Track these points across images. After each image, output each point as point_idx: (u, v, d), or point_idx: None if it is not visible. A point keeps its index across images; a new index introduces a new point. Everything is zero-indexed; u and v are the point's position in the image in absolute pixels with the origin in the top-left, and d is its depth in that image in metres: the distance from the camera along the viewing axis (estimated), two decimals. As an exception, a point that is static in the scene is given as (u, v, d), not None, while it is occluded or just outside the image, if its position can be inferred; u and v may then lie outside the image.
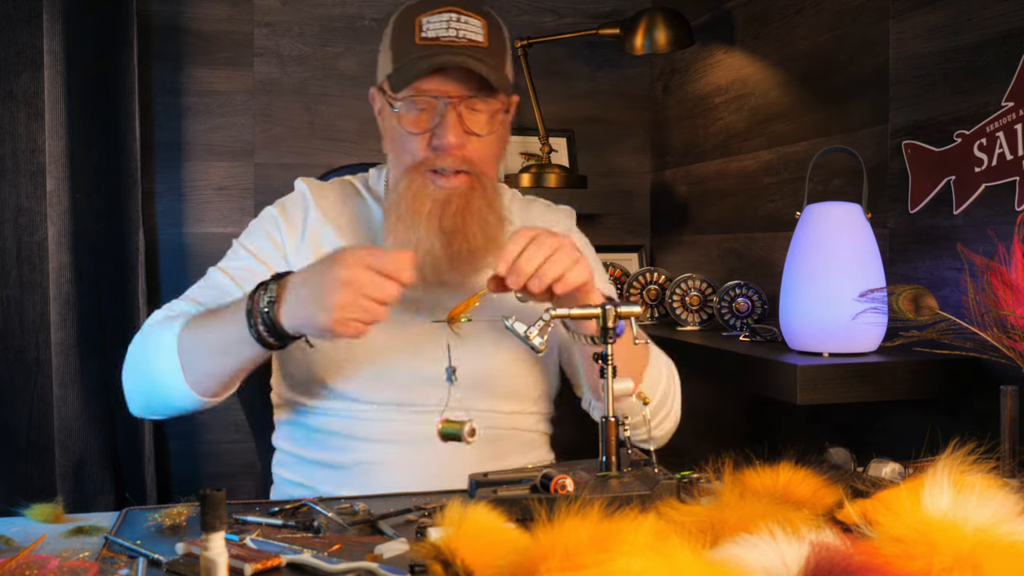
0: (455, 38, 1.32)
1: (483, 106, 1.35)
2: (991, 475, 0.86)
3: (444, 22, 1.32)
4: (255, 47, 2.45)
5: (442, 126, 1.31)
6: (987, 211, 1.52)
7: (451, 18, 1.33)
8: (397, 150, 1.37)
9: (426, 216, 1.32)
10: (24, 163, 2.12)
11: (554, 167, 2.42)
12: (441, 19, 1.33)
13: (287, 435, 1.47)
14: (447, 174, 1.32)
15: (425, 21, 1.33)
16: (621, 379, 1.13)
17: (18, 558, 0.82)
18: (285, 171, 2.45)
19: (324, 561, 0.88)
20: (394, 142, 1.38)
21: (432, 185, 1.33)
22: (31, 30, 2.10)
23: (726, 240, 2.34)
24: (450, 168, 1.32)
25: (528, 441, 1.46)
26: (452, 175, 1.33)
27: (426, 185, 1.33)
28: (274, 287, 1.18)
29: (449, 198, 1.32)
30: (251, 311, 1.18)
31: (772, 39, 2.14)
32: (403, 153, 1.36)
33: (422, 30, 1.32)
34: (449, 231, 1.32)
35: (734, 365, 1.69)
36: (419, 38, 1.32)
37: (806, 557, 0.73)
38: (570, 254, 1.16)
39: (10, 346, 2.10)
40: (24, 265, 2.12)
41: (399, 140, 1.36)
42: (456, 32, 1.33)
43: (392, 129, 1.37)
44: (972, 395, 1.53)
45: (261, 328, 1.18)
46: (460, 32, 1.33)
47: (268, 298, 1.18)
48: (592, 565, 0.66)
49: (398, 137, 1.36)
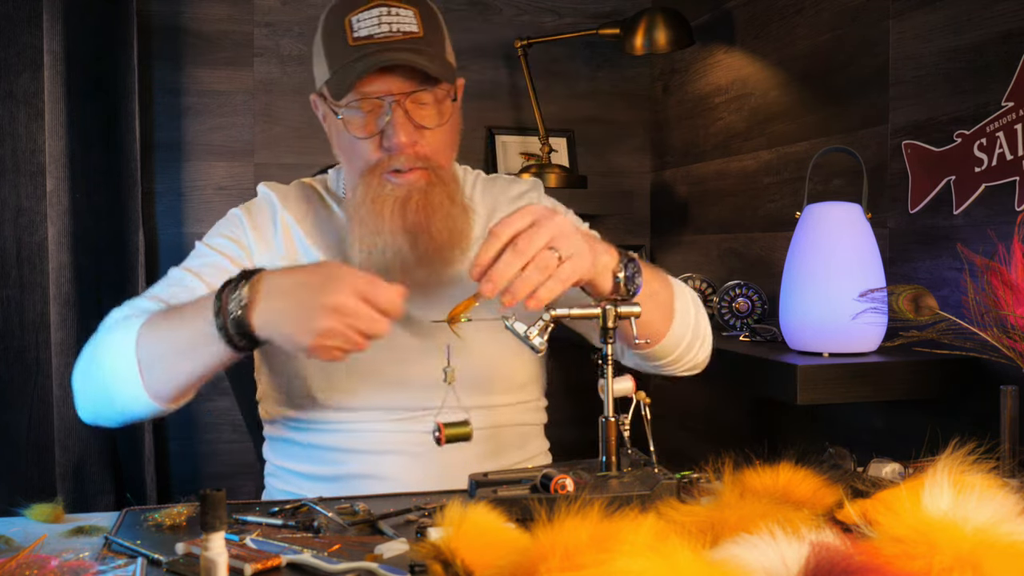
0: (388, 33, 1.28)
1: (429, 98, 1.30)
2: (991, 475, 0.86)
3: (374, 18, 1.29)
4: (255, 47, 2.45)
5: (391, 126, 1.28)
6: (987, 211, 1.52)
7: (380, 13, 1.29)
8: (349, 155, 1.34)
9: (388, 217, 1.29)
10: (24, 163, 2.12)
11: (554, 167, 2.42)
12: (371, 15, 1.29)
13: (277, 450, 1.44)
14: (403, 171, 1.30)
15: (355, 20, 1.29)
16: (620, 379, 1.13)
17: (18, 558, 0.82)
18: (285, 171, 2.45)
19: (324, 561, 0.88)
20: (344, 148, 1.35)
21: (389, 184, 1.30)
22: (31, 30, 2.10)
23: (726, 240, 2.34)
24: (405, 167, 1.29)
25: (525, 433, 1.45)
26: (408, 172, 1.30)
27: (383, 186, 1.30)
28: (245, 288, 1.12)
29: (409, 194, 1.30)
30: (220, 311, 1.12)
31: (772, 39, 2.14)
32: (355, 158, 1.33)
33: (353, 30, 1.29)
34: (413, 229, 1.29)
35: (734, 365, 1.69)
36: (351, 39, 1.28)
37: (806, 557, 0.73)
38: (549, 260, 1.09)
39: (10, 346, 2.10)
40: (24, 265, 2.12)
41: (349, 146, 1.33)
42: (389, 27, 1.28)
43: (340, 135, 1.34)
44: (972, 395, 1.53)
45: (231, 329, 1.11)
46: (393, 26, 1.29)
47: (239, 300, 1.11)
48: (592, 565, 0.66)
49: (347, 143, 1.33)
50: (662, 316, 1.28)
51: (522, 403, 1.45)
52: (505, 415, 1.41)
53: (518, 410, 1.44)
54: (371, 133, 1.30)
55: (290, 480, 1.41)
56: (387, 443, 1.35)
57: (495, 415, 1.39)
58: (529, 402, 1.46)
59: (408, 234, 1.30)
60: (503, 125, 2.60)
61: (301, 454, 1.39)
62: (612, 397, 1.11)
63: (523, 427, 1.45)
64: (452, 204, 1.33)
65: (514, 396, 1.43)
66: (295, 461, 1.40)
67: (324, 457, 1.37)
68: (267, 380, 1.44)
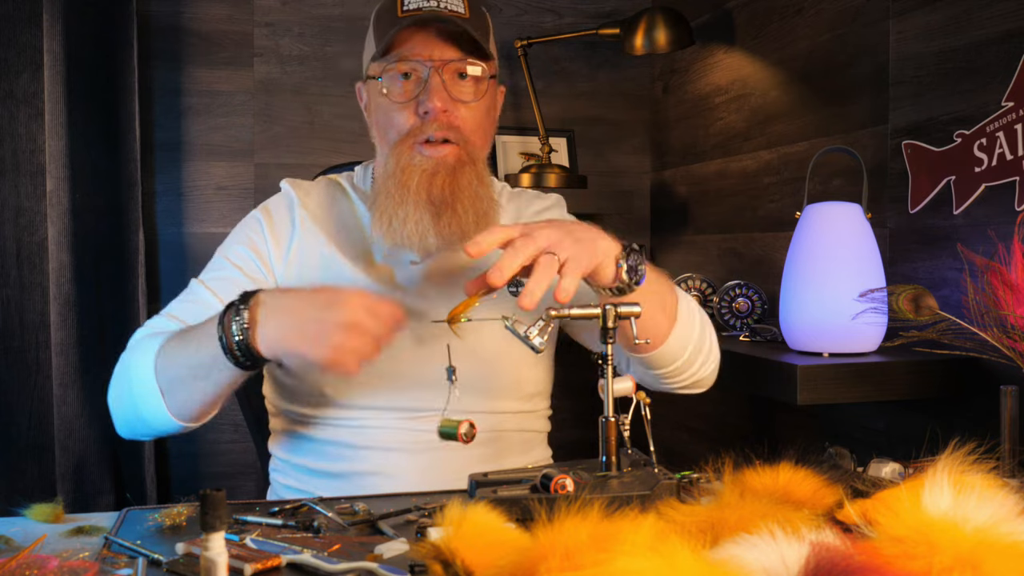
0: (436, 8, 1.30)
1: (468, 72, 1.32)
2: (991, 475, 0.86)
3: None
4: (255, 47, 2.45)
5: (427, 91, 1.29)
6: (987, 211, 1.52)
7: None
8: (384, 127, 1.35)
9: (414, 189, 1.29)
10: (24, 163, 2.12)
11: (554, 167, 2.42)
12: None
13: (284, 444, 1.43)
14: (434, 142, 1.30)
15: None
16: (620, 379, 1.13)
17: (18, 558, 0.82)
18: (285, 171, 2.44)
19: (324, 561, 0.88)
20: (381, 121, 1.35)
21: (419, 156, 1.30)
22: (31, 30, 2.10)
23: (726, 240, 2.34)
24: (437, 135, 1.29)
25: (528, 440, 1.45)
26: (439, 143, 1.30)
27: (413, 157, 1.30)
28: (245, 312, 1.12)
29: (436, 168, 1.29)
30: (223, 335, 1.12)
31: (772, 39, 2.14)
32: (390, 129, 1.33)
33: (404, 4, 1.30)
34: (438, 202, 1.29)
35: (734, 365, 1.69)
36: (401, 11, 1.30)
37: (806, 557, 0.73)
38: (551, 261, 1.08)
39: (10, 346, 2.10)
40: (24, 265, 2.12)
41: (386, 116, 1.33)
42: (438, 2, 1.30)
43: (378, 108, 1.35)
44: (972, 395, 1.53)
45: (236, 351, 1.12)
46: (442, 3, 1.30)
47: (240, 323, 1.11)
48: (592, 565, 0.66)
49: (384, 113, 1.33)
50: (664, 317, 1.28)
51: (528, 411, 1.44)
52: (511, 422, 1.41)
53: (523, 418, 1.44)
54: (408, 98, 1.31)
55: (294, 475, 1.41)
56: (393, 441, 1.35)
57: (501, 421, 1.39)
58: (535, 410, 1.46)
59: (432, 206, 1.29)
60: (503, 125, 2.60)
61: (307, 448, 1.39)
62: (612, 397, 1.11)
63: (527, 433, 1.45)
64: (481, 186, 1.33)
65: (521, 404, 1.42)
66: (300, 455, 1.40)
67: (330, 452, 1.37)
68: (276, 375, 1.43)
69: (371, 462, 1.35)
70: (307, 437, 1.39)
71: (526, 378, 1.42)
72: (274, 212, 1.42)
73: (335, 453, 1.37)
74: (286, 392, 1.41)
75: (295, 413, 1.40)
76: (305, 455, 1.40)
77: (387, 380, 1.35)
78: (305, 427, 1.39)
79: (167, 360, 1.21)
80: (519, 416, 1.43)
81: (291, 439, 1.42)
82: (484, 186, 1.34)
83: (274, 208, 1.43)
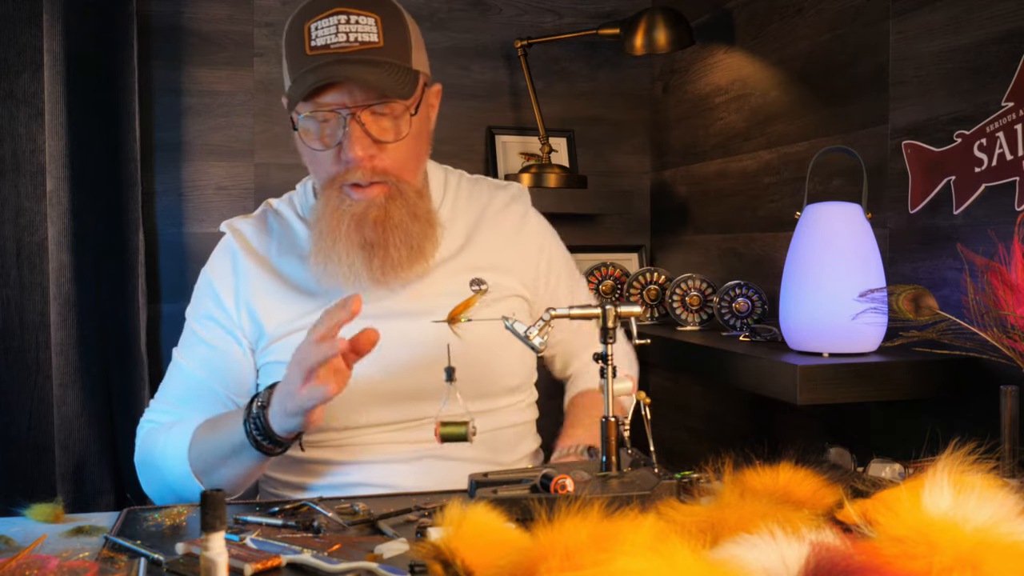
0: (345, 43, 1.24)
1: (387, 111, 1.27)
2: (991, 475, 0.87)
3: (332, 27, 1.24)
4: (255, 47, 2.45)
5: (346, 139, 1.25)
6: (987, 211, 1.52)
7: (339, 21, 1.25)
8: (312, 165, 1.33)
9: (344, 231, 1.28)
10: (24, 163, 2.12)
11: (554, 167, 2.42)
12: (329, 24, 1.25)
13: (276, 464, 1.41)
14: (362, 185, 1.28)
15: (313, 28, 1.25)
16: (620, 379, 1.14)
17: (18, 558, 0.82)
18: (285, 171, 2.45)
19: (324, 561, 0.88)
20: (308, 159, 1.33)
21: (348, 199, 1.28)
22: (31, 30, 2.10)
23: (726, 240, 2.34)
24: (363, 181, 1.27)
25: (519, 432, 1.45)
26: (367, 186, 1.28)
27: (342, 200, 1.29)
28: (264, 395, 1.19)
29: (366, 211, 1.28)
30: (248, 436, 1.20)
31: (772, 39, 2.14)
32: (317, 169, 1.32)
33: (311, 38, 1.25)
34: (371, 243, 1.28)
35: (734, 365, 1.69)
36: (308, 47, 1.25)
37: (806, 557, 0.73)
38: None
39: (10, 346, 2.10)
40: (24, 265, 2.12)
41: (310, 156, 1.31)
42: (346, 36, 1.24)
43: (302, 146, 1.32)
44: (972, 395, 1.53)
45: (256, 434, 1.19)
46: (351, 35, 1.24)
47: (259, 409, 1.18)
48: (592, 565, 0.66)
49: (310, 154, 1.31)
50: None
51: (516, 404, 1.45)
52: (506, 418, 1.42)
53: (512, 411, 1.44)
54: (328, 145, 1.28)
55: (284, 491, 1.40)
56: (387, 453, 1.34)
57: (496, 419, 1.39)
58: (522, 402, 1.46)
59: (364, 250, 1.28)
60: (503, 125, 2.60)
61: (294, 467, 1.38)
62: (612, 397, 1.12)
63: (517, 427, 1.45)
64: (413, 221, 1.31)
65: (509, 399, 1.43)
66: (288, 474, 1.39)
67: (318, 470, 1.37)
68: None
69: (365, 474, 1.34)
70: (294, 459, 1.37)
71: (511, 373, 1.42)
72: (218, 266, 1.43)
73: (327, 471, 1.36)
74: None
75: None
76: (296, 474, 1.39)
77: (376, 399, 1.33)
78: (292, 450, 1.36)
79: (199, 450, 1.28)
80: (508, 411, 1.42)
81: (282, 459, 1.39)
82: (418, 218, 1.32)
83: (217, 262, 1.44)
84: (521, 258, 1.46)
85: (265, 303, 1.38)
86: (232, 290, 1.40)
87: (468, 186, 1.49)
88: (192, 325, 1.43)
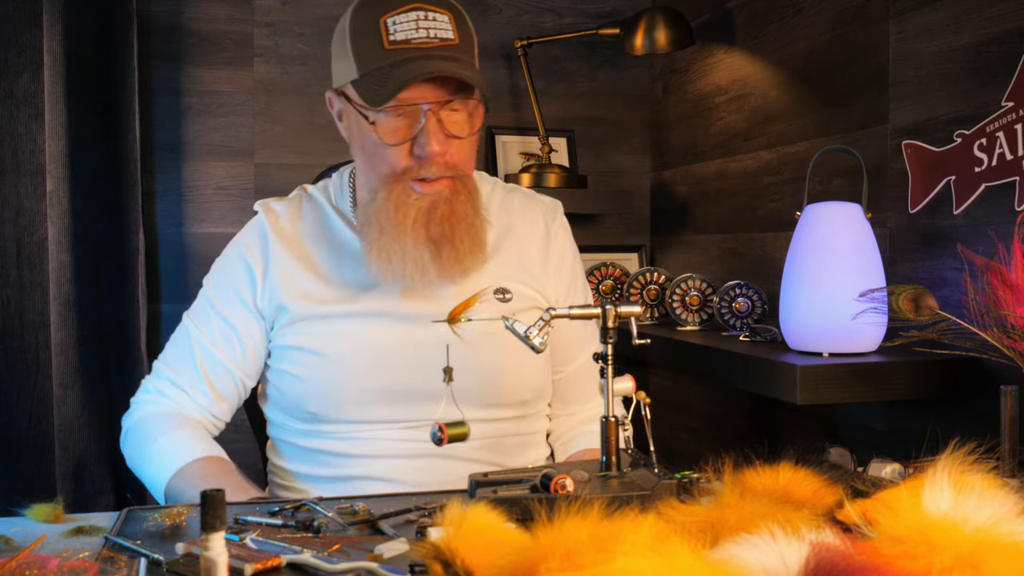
0: (426, 39, 1.25)
1: (461, 106, 1.28)
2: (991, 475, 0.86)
3: (412, 22, 1.25)
4: (255, 47, 2.45)
5: (424, 134, 1.26)
6: (987, 211, 1.52)
7: (419, 16, 1.25)
8: (372, 159, 1.31)
9: (411, 226, 1.28)
10: (24, 163, 2.12)
11: (554, 167, 2.42)
12: (408, 19, 1.25)
13: (279, 451, 1.44)
14: (430, 180, 1.28)
15: (390, 22, 1.25)
16: (620, 379, 1.13)
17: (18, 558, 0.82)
18: (285, 171, 2.45)
19: (324, 561, 0.88)
20: (367, 151, 1.31)
21: (415, 193, 1.28)
22: (31, 30, 2.10)
23: (726, 240, 2.34)
24: (435, 175, 1.27)
25: (526, 442, 1.45)
26: (434, 180, 1.28)
27: (409, 193, 1.28)
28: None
29: (434, 204, 1.28)
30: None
31: (772, 39, 2.14)
32: (379, 163, 1.30)
33: (389, 32, 1.25)
34: (437, 239, 1.29)
35: (734, 365, 1.69)
36: (387, 42, 1.25)
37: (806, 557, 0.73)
38: None
39: (10, 346, 2.10)
40: (24, 265, 2.12)
41: (375, 151, 1.30)
42: (427, 32, 1.25)
43: (364, 138, 1.31)
44: (972, 395, 1.53)
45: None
46: (430, 31, 1.25)
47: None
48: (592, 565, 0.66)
49: (373, 147, 1.29)
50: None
51: (527, 416, 1.44)
52: (509, 427, 1.41)
53: (522, 422, 1.43)
54: (403, 139, 1.27)
55: (292, 480, 1.41)
56: (391, 449, 1.34)
57: (503, 428, 1.39)
58: (534, 414, 1.46)
59: (431, 244, 1.28)
60: (503, 125, 2.60)
61: (303, 456, 1.39)
62: (612, 397, 1.11)
63: (525, 436, 1.45)
64: (475, 214, 1.32)
65: (520, 411, 1.42)
66: (297, 464, 1.41)
67: (327, 461, 1.37)
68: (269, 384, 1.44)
69: (369, 468, 1.34)
70: (302, 447, 1.39)
71: (526, 387, 1.41)
72: (248, 242, 1.42)
73: (333, 462, 1.36)
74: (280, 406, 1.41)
75: (289, 424, 1.40)
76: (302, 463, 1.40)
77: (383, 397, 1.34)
78: (301, 437, 1.39)
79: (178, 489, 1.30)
80: (517, 421, 1.42)
81: (286, 446, 1.42)
82: (477, 212, 1.33)
83: (248, 238, 1.43)
84: (545, 272, 1.46)
85: (290, 285, 1.38)
86: (260, 268, 1.40)
87: (502, 194, 1.50)
88: (210, 294, 1.42)
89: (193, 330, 1.41)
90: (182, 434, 1.35)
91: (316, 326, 1.36)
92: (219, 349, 1.39)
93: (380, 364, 1.33)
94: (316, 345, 1.35)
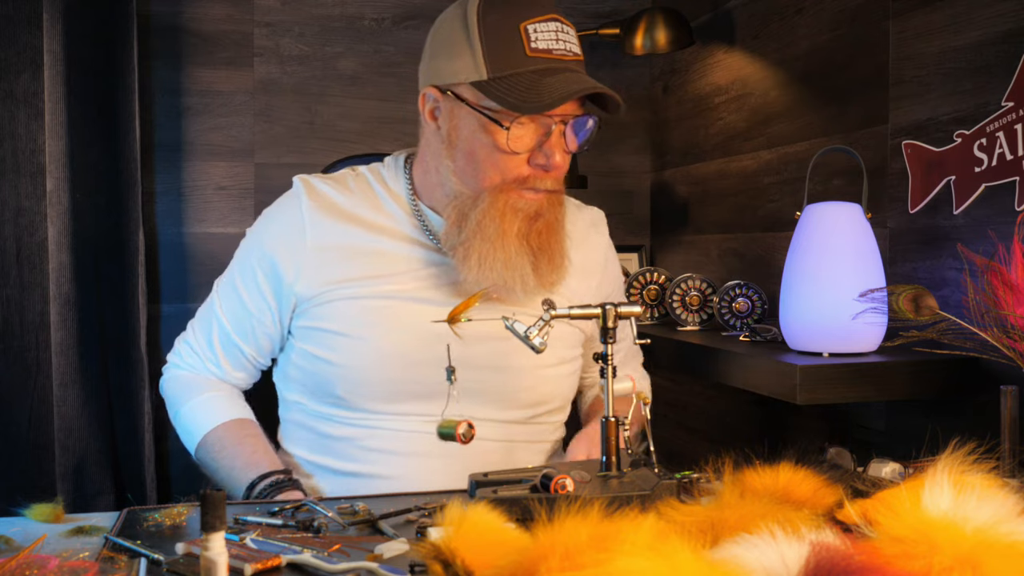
0: (565, 52, 1.24)
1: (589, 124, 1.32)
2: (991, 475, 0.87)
3: (552, 32, 1.23)
4: (255, 47, 2.45)
5: (550, 145, 1.26)
6: (987, 211, 1.52)
7: (557, 28, 1.24)
8: (483, 165, 1.27)
9: (515, 235, 1.27)
10: (24, 163, 2.12)
11: (554, 167, 2.42)
12: (548, 28, 1.23)
13: (291, 435, 1.44)
14: (539, 190, 1.28)
15: (531, 28, 1.22)
16: (621, 379, 1.14)
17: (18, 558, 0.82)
18: (285, 171, 2.44)
19: (324, 561, 0.88)
20: (479, 156, 1.27)
21: (522, 200, 1.27)
22: (31, 30, 2.10)
23: (726, 240, 2.34)
24: (549, 188, 1.28)
25: (540, 450, 1.45)
26: (540, 192, 1.29)
27: (517, 202, 1.27)
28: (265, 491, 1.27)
29: (539, 212, 1.29)
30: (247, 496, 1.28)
31: (772, 39, 2.14)
32: (491, 169, 1.27)
33: (531, 39, 1.22)
34: (536, 248, 1.29)
35: (734, 365, 1.69)
36: (528, 48, 1.22)
37: (806, 557, 0.73)
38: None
39: (10, 346, 2.10)
40: (24, 265, 2.12)
41: (489, 155, 1.26)
42: (565, 45, 1.24)
43: (475, 141, 1.27)
44: (972, 395, 1.53)
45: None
46: (568, 45, 1.25)
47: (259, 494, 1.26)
48: (592, 565, 0.66)
49: (487, 152, 1.26)
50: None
51: (542, 423, 1.43)
52: (522, 432, 1.40)
53: (536, 428, 1.43)
54: (528, 148, 1.26)
55: (300, 476, 1.40)
56: (406, 444, 1.34)
57: (511, 431, 1.39)
58: (550, 422, 1.45)
59: (531, 254, 1.29)
60: (503, 125, 2.60)
61: (317, 443, 1.39)
62: (612, 397, 1.12)
63: (538, 443, 1.44)
64: (563, 226, 1.35)
65: (535, 416, 1.41)
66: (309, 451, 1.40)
67: (341, 450, 1.36)
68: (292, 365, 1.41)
69: (384, 465, 1.34)
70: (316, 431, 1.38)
71: (543, 392, 1.40)
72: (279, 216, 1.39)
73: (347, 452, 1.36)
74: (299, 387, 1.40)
75: (306, 405, 1.39)
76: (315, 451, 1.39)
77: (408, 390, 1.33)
78: (315, 420, 1.38)
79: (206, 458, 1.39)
80: (531, 427, 1.42)
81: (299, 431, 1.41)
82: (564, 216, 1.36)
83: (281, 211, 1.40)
84: (586, 286, 1.47)
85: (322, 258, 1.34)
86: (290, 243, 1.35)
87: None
88: (235, 272, 1.42)
89: (216, 306, 1.43)
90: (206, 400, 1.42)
91: (345, 306, 1.34)
92: (238, 334, 1.41)
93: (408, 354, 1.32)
94: (350, 329, 1.33)
